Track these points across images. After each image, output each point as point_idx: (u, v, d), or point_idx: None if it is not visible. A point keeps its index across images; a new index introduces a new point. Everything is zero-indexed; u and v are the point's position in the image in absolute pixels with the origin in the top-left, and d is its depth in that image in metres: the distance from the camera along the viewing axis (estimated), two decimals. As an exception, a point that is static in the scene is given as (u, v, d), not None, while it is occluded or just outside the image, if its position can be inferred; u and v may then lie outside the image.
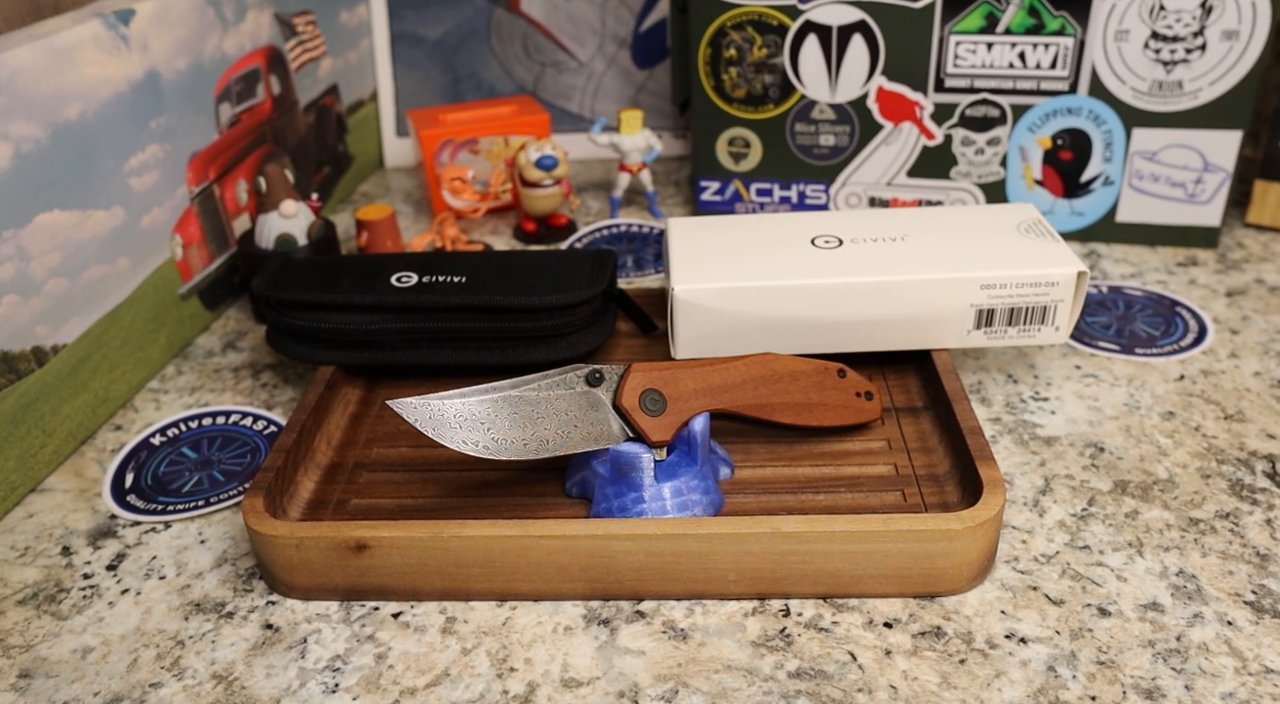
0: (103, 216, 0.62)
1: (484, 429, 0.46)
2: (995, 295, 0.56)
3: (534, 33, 1.01)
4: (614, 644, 0.45)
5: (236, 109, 0.77)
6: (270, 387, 0.66)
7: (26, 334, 0.56)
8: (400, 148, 1.04)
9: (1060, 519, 0.51)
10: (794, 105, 0.79)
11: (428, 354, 0.59)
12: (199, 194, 0.72)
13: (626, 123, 0.84)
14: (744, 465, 0.53)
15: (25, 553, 0.52)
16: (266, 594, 0.48)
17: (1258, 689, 0.41)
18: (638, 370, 0.49)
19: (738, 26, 0.78)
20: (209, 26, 0.73)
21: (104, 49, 0.62)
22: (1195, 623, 0.44)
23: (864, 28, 0.75)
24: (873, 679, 0.42)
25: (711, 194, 0.85)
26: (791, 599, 0.46)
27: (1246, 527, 0.50)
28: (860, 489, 0.51)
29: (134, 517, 0.54)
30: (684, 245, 0.61)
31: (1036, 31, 0.73)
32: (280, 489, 0.50)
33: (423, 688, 0.43)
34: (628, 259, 0.80)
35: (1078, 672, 0.42)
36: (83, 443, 0.61)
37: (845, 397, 0.54)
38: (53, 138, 0.58)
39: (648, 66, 1.01)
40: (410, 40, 1.02)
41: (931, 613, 0.45)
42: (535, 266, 0.62)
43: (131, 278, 0.65)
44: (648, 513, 0.47)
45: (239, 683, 0.44)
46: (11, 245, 0.55)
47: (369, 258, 0.64)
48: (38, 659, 0.45)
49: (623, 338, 0.66)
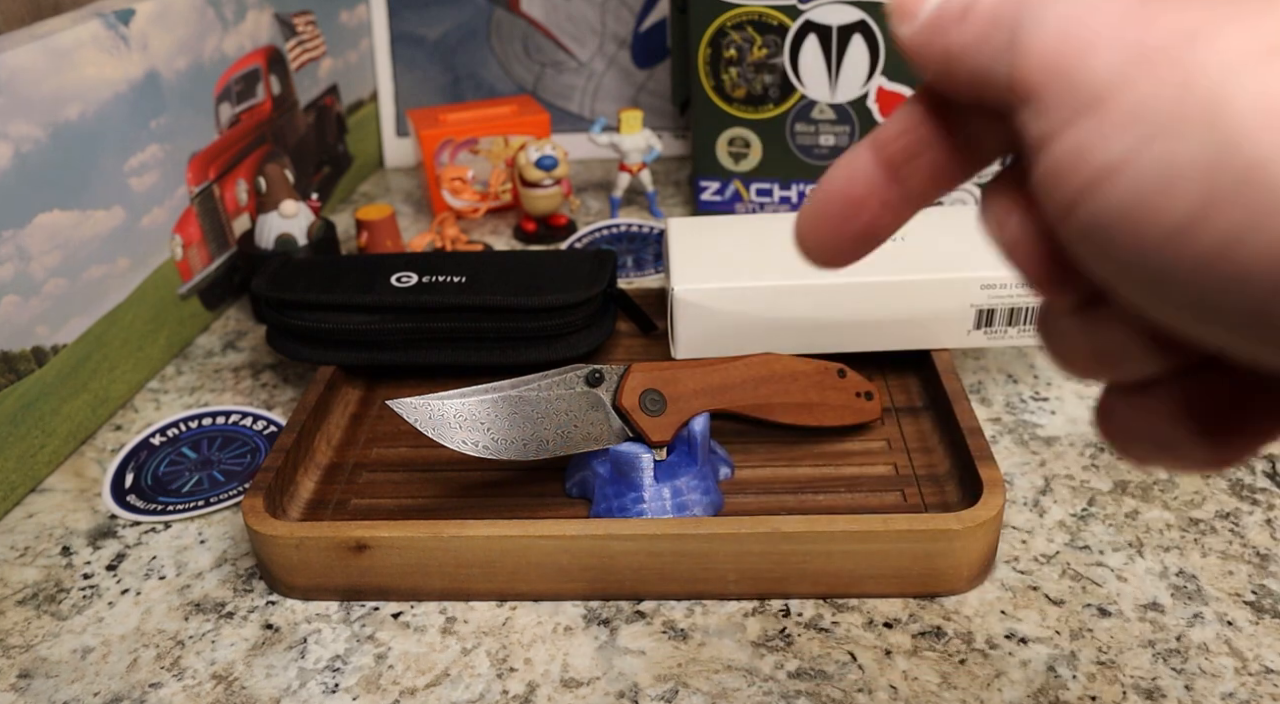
0: (103, 216, 0.62)
1: (484, 429, 0.46)
2: (995, 295, 0.56)
3: (534, 33, 1.01)
4: (614, 644, 0.45)
5: (236, 109, 0.77)
6: (270, 387, 0.66)
7: (26, 334, 0.56)
8: (400, 148, 1.04)
9: (1060, 519, 0.51)
10: (794, 105, 0.79)
11: (428, 354, 0.59)
12: (199, 194, 0.72)
13: (626, 123, 0.84)
14: (744, 465, 0.53)
15: (25, 553, 0.52)
16: (266, 594, 0.48)
17: (1258, 689, 0.41)
18: (638, 370, 0.49)
19: (738, 26, 0.78)
20: (209, 26, 0.73)
21: (104, 49, 0.62)
22: (1195, 623, 0.44)
23: (864, 28, 0.75)
24: (873, 679, 0.42)
25: (711, 194, 0.85)
26: (791, 599, 0.46)
27: (1246, 527, 0.50)
28: (860, 489, 0.51)
29: (134, 517, 0.54)
30: (684, 245, 0.61)
31: (1036, 31, 0.73)
32: (280, 489, 0.50)
33: (423, 688, 0.43)
34: (628, 259, 0.80)
35: (1078, 672, 0.42)
36: (83, 443, 0.61)
37: (845, 397, 0.54)
38: (53, 138, 0.58)
39: (648, 66, 1.01)
40: (410, 40, 1.02)
41: (931, 613, 0.45)
42: (535, 266, 0.62)
43: (131, 278, 0.65)
44: (648, 513, 0.47)
45: (239, 683, 0.44)
46: (11, 245, 0.55)
47: (369, 258, 0.64)
48: (38, 659, 0.45)
49: (623, 338, 0.66)
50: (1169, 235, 0.15)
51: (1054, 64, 0.16)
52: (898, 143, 0.21)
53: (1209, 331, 0.16)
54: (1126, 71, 0.15)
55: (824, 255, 0.23)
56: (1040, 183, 0.17)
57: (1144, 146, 0.15)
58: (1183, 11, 0.15)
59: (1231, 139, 0.14)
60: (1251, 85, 0.14)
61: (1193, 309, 0.15)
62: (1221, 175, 0.14)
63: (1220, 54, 0.14)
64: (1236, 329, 0.15)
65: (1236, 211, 0.14)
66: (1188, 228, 0.14)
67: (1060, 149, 0.16)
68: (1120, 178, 0.15)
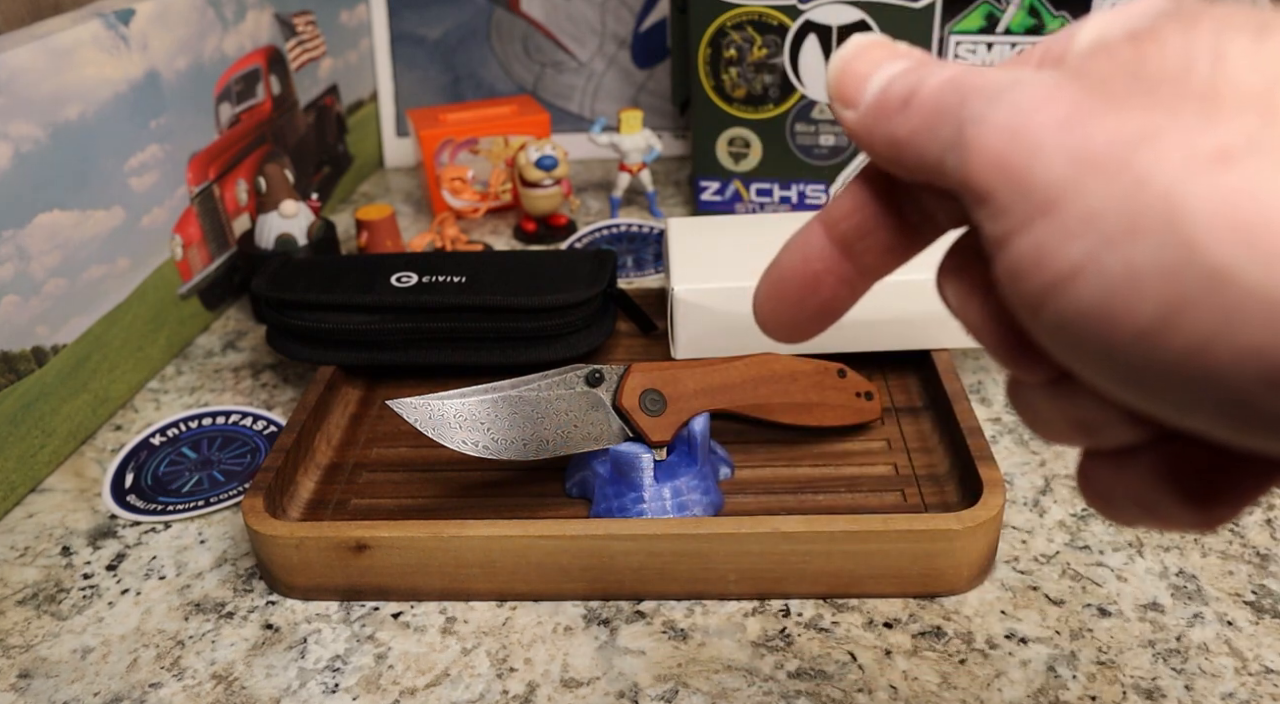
0: (103, 216, 0.62)
1: (484, 429, 0.46)
2: (995, 295, 0.56)
3: (534, 33, 1.01)
4: (614, 644, 0.45)
5: (236, 109, 0.77)
6: (270, 387, 0.66)
7: (26, 334, 0.56)
8: (400, 148, 1.04)
9: (1060, 519, 0.51)
10: (794, 105, 0.79)
11: (428, 354, 0.59)
12: (199, 194, 0.72)
13: (626, 123, 0.84)
14: (744, 465, 0.53)
15: (25, 553, 0.52)
16: (266, 594, 0.48)
17: (1258, 689, 0.41)
18: (638, 370, 0.49)
19: (738, 26, 0.78)
20: (209, 26, 0.73)
21: (104, 49, 0.62)
22: (1195, 623, 0.44)
23: (864, 28, 0.75)
24: (873, 679, 0.42)
25: (711, 194, 0.85)
26: (791, 599, 0.46)
27: (1246, 526, 0.50)
28: (860, 489, 0.51)
29: (134, 517, 0.54)
30: (684, 245, 0.61)
31: (1037, 32, 0.73)
32: (280, 489, 0.50)
33: (423, 688, 0.43)
34: (628, 259, 0.80)
35: (1078, 672, 0.42)
36: (83, 443, 0.61)
37: (845, 397, 0.54)
38: (53, 138, 0.58)
39: (648, 66, 1.01)
40: (410, 40, 1.02)
41: (931, 613, 0.45)
42: (535, 267, 0.62)
43: (131, 278, 0.65)
44: (648, 513, 0.47)
45: (239, 683, 0.44)
46: (11, 245, 0.55)
47: (369, 258, 0.64)
48: (38, 659, 0.45)
49: (623, 338, 0.66)
50: (1140, 335, 0.15)
51: (1003, 166, 0.16)
52: (849, 221, 0.21)
53: (1189, 420, 0.15)
54: (1075, 176, 0.15)
55: (786, 332, 0.23)
56: (1003, 280, 0.17)
57: (1102, 250, 0.15)
58: (1122, 116, 0.15)
59: (1192, 243, 0.14)
60: (1203, 189, 0.14)
61: (1172, 401, 0.15)
62: (1186, 279, 0.14)
63: (1167, 159, 0.14)
64: (1217, 418, 0.15)
65: (1207, 313, 0.14)
66: (1159, 328, 0.14)
67: (1018, 251, 0.16)
68: (1083, 280, 0.15)
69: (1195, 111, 0.14)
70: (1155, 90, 0.15)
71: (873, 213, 0.21)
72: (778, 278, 0.22)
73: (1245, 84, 0.15)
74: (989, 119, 0.16)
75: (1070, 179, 0.15)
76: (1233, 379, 0.14)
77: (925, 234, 0.21)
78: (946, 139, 0.17)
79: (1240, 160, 0.14)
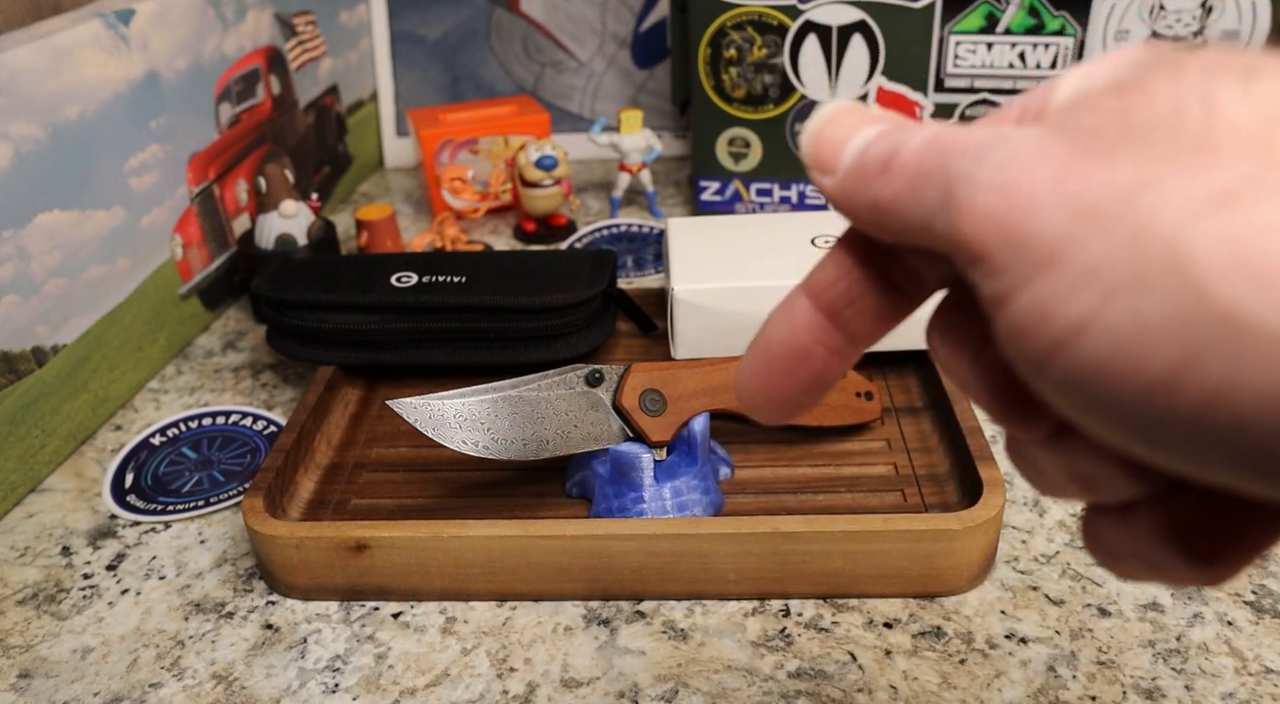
0: (103, 216, 0.62)
1: (484, 429, 0.46)
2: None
3: (534, 33, 1.01)
4: (614, 644, 0.45)
5: (236, 109, 0.77)
6: (270, 387, 0.66)
7: (26, 334, 0.56)
8: (400, 148, 1.04)
9: (1060, 519, 0.51)
10: (794, 105, 0.79)
11: (428, 354, 0.59)
12: (199, 194, 0.72)
13: (626, 123, 0.84)
14: (744, 465, 0.53)
15: (25, 553, 0.52)
16: (266, 594, 0.48)
17: (1258, 689, 0.41)
18: (638, 370, 0.49)
19: (738, 26, 0.78)
20: (209, 26, 0.73)
21: (104, 49, 0.62)
22: (1195, 623, 0.44)
23: (864, 28, 0.75)
24: (873, 679, 0.42)
25: (711, 194, 0.85)
26: (791, 599, 0.46)
27: (1246, 527, 0.50)
28: (860, 489, 0.51)
29: (134, 517, 0.54)
30: (684, 245, 0.61)
31: (1036, 32, 0.73)
32: (280, 489, 0.50)
33: (423, 688, 0.43)
34: (628, 259, 0.80)
35: (1078, 672, 0.42)
36: (83, 443, 0.61)
37: (845, 397, 0.54)
38: (53, 138, 0.58)
39: (648, 66, 1.01)
40: (410, 40, 1.02)
41: (931, 613, 0.45)
42: (535, 267, 0.62)
43: (131, 278, 0.65)
44: (648, 513, 0.47)
45: (239, 683, 0.44)
46: (11, 245, 0.55)
47: (369, 258, 0.64)
48: (38, 659, 0.45)
49: (623, 338, 0.66)
50: (1153, 387, 0.14)
51: (998, 225, 0.16)
52: (835, 288, 0.21)
53: (1205, 471, 0.15)
54: (1074, 229, 0.15)
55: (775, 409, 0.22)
56: (1004, 339, 0.16)
57: (1107, 302, 0.14)
58: (1116, 166, 0.15)
59: (1200, 289, 0.13)
60: (1208, 233, 0.13)
61: (1187, 452, 0.15)
62: (1198, 326, 0.14)
63: (1168, 205, 0.14)
64: (1235, 468, 0.15)
65: (1221, 361, 0.13)
66: (1171, 378, 0.14)
67: (1020, 308, 0.16)
68: (1090, 334, 0.15)
69: (1192, 157, 0.14)
70: (1148, 139, 0.15)
71: (858, 278, 0.21)
72: (764, 353, 0.22)
73: (1240, 127, 0.14)
74: (977, 178, 0.16)
75: (1069, 232, 0.15)
76: (1250, 426, 0.14)
77: (913, 296, 0.21)
78: (933, 200, 0.17)
79: (1243, 201, 0.14)
